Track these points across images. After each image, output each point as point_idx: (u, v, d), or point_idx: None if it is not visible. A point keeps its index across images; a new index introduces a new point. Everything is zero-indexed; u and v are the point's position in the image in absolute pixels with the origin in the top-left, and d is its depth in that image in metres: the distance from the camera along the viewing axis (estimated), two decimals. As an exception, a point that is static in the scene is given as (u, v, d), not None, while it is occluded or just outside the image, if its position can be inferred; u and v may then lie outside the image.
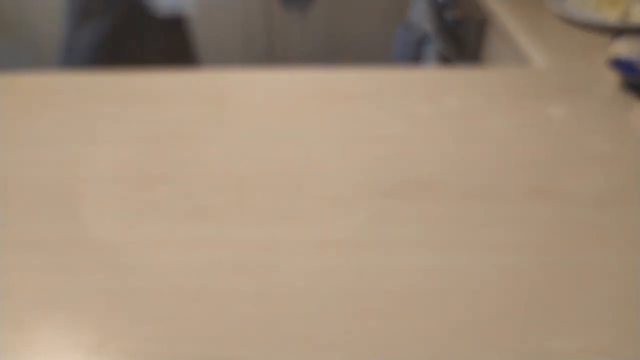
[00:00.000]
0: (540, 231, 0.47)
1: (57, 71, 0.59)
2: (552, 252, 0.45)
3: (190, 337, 0.38)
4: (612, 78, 0.71)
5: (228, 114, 0.63)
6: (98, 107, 0.64)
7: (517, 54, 0.88)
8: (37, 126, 0.61)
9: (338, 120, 0.62)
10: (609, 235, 0.47)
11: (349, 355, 0.37)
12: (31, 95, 0.67)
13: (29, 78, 0.71)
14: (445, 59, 1.23)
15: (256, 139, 0.59)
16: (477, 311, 0.40)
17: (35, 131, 0.60)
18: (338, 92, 0.68)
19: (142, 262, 0.44)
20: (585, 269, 0.43)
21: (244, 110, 0.63)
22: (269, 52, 1.87)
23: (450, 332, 0.38)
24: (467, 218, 0.48)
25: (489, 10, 1.04)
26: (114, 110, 0.64)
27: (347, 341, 0.38)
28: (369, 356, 0.37)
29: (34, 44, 1.94)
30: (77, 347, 0.37)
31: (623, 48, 0.72)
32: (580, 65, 0.77)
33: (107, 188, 0.51)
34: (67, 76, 0.72)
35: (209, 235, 0.46)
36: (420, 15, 1.33)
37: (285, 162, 0.55)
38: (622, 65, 0.69)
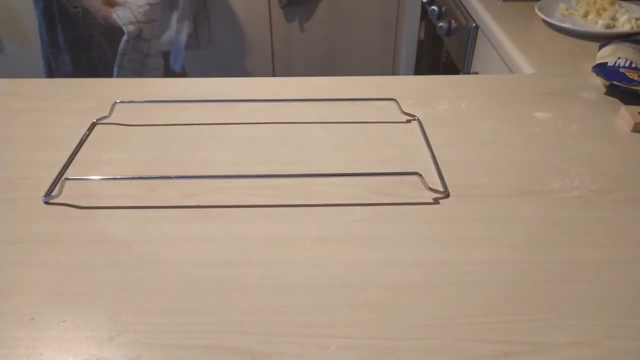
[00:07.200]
0: (529, 229, 0.49)
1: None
2: (541, 249, 0.47)
3: (198, 328, 0.40)
4: (598, 83, 0.73)
5: (234, 118, 0.65)
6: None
7: (506, 60, 0.90)
8: (51, 129, 0.63)
9: (336, 124, 0.64)
10: (596, 232, 0.49)
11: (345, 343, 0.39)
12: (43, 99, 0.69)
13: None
14: (438, 66, 1.25)
15: (260, 142, 0.61)
16: (468, 304, 0.41)
17: (51, 134, 0.62)
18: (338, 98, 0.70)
19: (152, 257, 0.46)
20: (574, 265, 0.45)
21: (249, 115, 0.66)
22: (271, 61, 1.94)
23: (441, 324, 0.40)
24: (459, 216, 0.50)
25: (479, 20, 1.07)
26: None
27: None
28: (363, 343, 0.38)
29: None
30: (90, 340, 0.39)
31: (608, 55, 0.74)
32: (567, 72, 0.79)
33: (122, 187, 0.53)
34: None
35: (215, 232, 0.48)
36: (415, 26, 1.36)
37: (286, 163, 0.57)
38: (607, 71, 0.71)
